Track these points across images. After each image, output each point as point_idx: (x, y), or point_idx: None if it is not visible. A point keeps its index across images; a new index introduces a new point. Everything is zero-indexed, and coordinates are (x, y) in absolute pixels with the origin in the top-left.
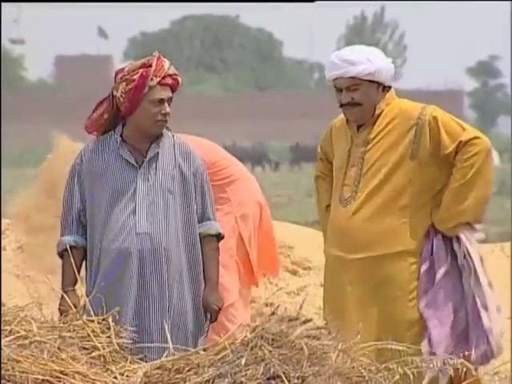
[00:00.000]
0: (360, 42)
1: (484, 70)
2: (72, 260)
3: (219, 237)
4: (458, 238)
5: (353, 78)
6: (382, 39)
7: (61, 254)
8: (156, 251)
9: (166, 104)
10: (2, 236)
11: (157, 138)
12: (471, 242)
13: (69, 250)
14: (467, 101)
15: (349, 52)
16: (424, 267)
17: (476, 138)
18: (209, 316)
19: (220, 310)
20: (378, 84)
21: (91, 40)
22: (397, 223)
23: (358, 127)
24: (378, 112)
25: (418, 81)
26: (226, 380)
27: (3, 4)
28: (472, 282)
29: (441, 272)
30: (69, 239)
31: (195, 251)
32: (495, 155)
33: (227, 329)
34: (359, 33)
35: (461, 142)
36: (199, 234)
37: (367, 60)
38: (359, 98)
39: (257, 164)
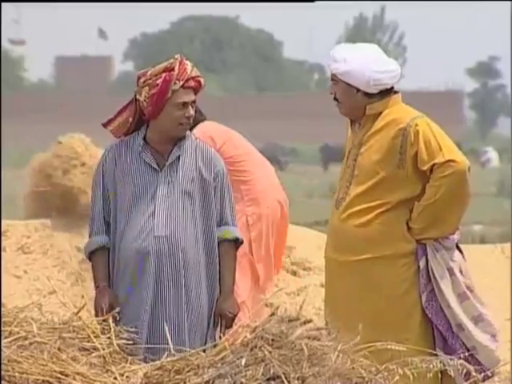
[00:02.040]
0: (360, 42)
1: (484, 70)
2: (103, 260)
3: (237, 242)
4: (425, 253)
5: (333, 73)
6: (382, 40)
7: (89, 254)
8: (174, 253)
9: (190, 107)
10: (3, 238)
11: (179, 140)
12: (437, 257)
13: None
14: (467, 101)
15: (339, 48)
16: (422, 264)
17: (451, 161)
18: (223, 322)
19: (235, 317)
20: (358, 88)
21: (91, 41)
22: (385, 227)
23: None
24: (370, 112)
25: (418, 82)
26: (226, 381)
27: (3, 4)
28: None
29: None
30: (100, 239)
31: (213, 255)
32: (495, 156)
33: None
34: (359, 34)
35: (434, 164)
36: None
37: (343, 60)
38: (337, 95)
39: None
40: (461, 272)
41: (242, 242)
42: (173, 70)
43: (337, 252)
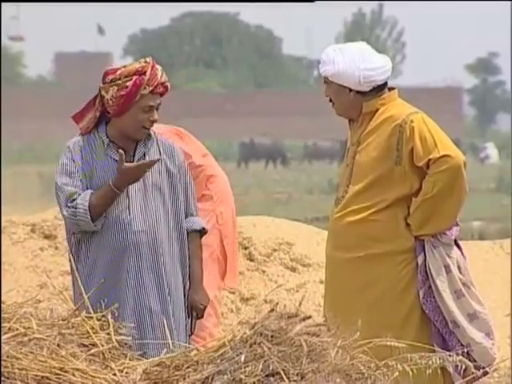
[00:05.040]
0: (359, 39)
1: (483, 66)
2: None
3: (202, 232)
4: (424, 249)
5: (323, 75)
6: (380, 36)
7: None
8: (152, 248)
9: (155, 111)
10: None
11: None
12: (434, 254)
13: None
14: (467, 98)
15: (327, 50)
16: (420, 259)
17: (446, 156)
18: (194, 314)
19: (205, 307)
20: (349, 87)
21: (90, 37)
22: (383, 224)
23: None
24: (367, 110)
25: (417, 78)
26: (225, 377)
27: (4, 1)
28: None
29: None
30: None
31: (184, 246)
32: (494, 152)
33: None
34: (358, 30)
35: (430, 159)
36: None
37: (332, 61)
38: (331, 96)
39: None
40: (459, 268)
41: (206, 232)
42: (144, 74)
43: (336, 250)
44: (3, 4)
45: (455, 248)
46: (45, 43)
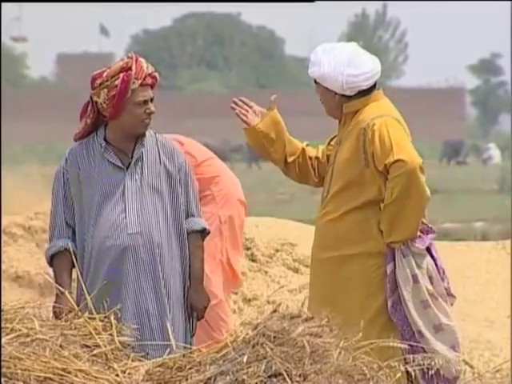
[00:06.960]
0: (361, 39)
1: (486, 67)
2: (66, 262)
3: (204, 233)
4: (394, 258)
5: (310, 76)
6: (383, 37)
7: (50, 258)
8: (149, 250)
9: (150, 103)
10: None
11: (140, 137)
12: (403, 263)
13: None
14: (469, 98)
15: (316, 50)
16: (389, 268)
17: (399, 160)
18: (195, 315)
19: (206, 308)
20: (334, 91)
21: (93, 38)
22: (354, 226)
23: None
24: (347, 111)
25: (420, 78)
26: (228, 378)
27: (4, 2)
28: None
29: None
30: (61, 242)
31: (184, 247)
32: (497, 153)
33: (219, 327)
34: (361, 30)
35: (385, 165)
36: None
37: (318, 63)
38: (319, 96)
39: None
40: (430, 279)
41: (208, 233)
42: (130, 69)
43: (317, 249)
44: (5, 4)
45: (428, 258)
46: (47, 44)
